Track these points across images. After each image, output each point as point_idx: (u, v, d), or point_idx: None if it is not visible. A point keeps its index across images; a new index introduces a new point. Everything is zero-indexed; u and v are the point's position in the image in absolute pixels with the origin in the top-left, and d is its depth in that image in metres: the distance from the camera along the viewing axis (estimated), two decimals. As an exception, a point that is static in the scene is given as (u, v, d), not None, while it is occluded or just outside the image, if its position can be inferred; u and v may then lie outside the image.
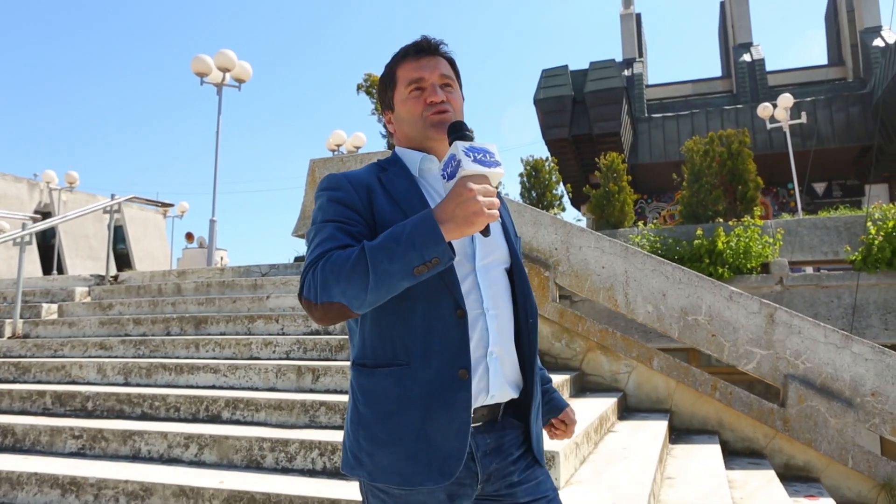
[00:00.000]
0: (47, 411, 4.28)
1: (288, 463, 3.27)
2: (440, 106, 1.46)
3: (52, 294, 6.79)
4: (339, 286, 1.26)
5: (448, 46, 1.56)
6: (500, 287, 1.46)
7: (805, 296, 9.06)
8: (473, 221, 1.24)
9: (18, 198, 25.36)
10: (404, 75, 1.49)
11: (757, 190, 10.17)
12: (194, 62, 12.92)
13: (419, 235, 1.23)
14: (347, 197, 1.40)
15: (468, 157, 1.26)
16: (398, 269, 1.23)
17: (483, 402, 1.39)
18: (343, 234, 1.35)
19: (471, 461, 1.38)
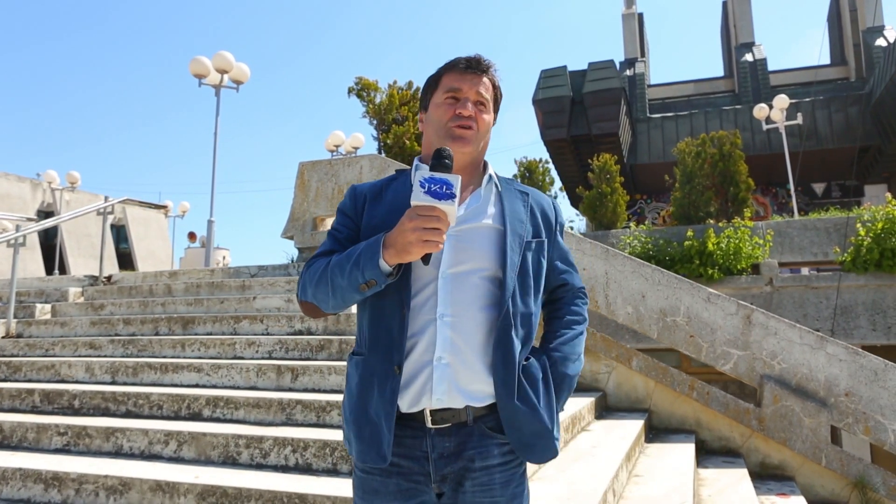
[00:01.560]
0: (36, 409, 4.40)
1: (262, 459, 3.38)
2: (465, 121, 1.56)
3: (46, 294, 6.92)
4: (312, 290, 1.54)
5: (498, 71, 1.66)
6: (471, 295, 1.50)
7: (794, 297, 9.14)
8: (408, 251, 1.37)
9: (21, 197, 25.57)
10: (446, 82, 1.60)
11: (748, 191, 10.24)
12: (192, 64, 13.03)
13: (363, 258, 1.42)
14: (346, 206, 1.65)
15: (421, 189, 1.35)
16: (347, 284, 1.45)
17: (429, 405, 1.47)
18: (332, 240, 1.62)
19: (424, 460, 1.49)
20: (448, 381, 1.47)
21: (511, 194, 1.64)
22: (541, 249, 1.62)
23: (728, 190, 10.09)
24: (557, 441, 1.56)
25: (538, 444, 1.52)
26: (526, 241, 1.58)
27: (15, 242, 5.94)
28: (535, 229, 1.62)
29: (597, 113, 19.77)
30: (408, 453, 1.50)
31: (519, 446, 1.51)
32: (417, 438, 1.50)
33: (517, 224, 1.58)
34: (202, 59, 13.11)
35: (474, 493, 1.50)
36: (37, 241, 24.84)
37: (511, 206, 1.60)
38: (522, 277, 1.55)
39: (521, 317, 1.54)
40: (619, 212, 10.80)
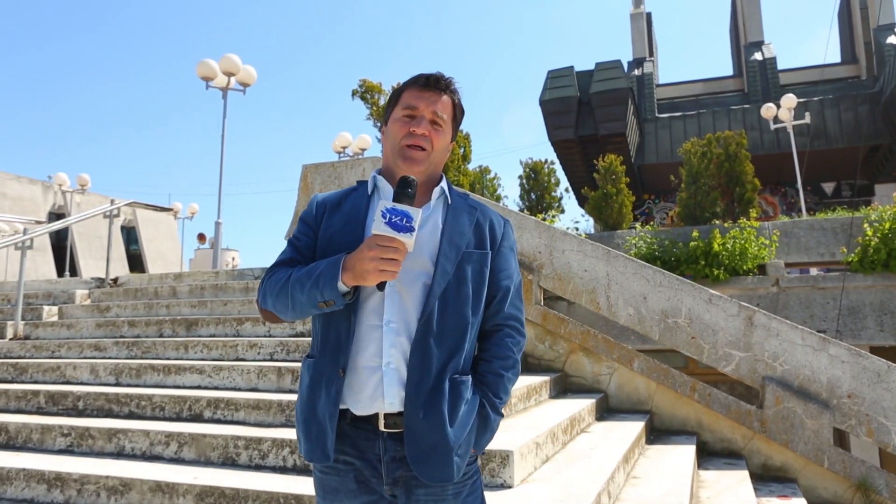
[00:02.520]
0: (41, 410, 4.45)
1: (261, 460, 3.41)
2: (418, 139, 1.59)
3: (53, 296, 7.00)
4: (272, 300, 1.60)
5: (458, 89, 1.69)
6: (414, 302, 1.54)
7: (801, 297, 9.08)
8: (365, 278, 1.44)
9: (33, 200, 25.81)
10: (405, 99, 1.63)
11: (754, 192, 10.19)
12: (200, 67, 13.13)
13: (323, 278, 1.48)
14: (307, 215, 1.71)
15: (383, 219, 1.41)
16: (306, 300, 1.51)
17: (383, 409, 1.52)
18: (291, 248, 1.68)
19: (377, 462, 1.54)
20: (397, 385, 1.52)
21: (459, 207, 1.67)
22: (483, 260, 1.64)
23: (734, 190, 10.05)
24: (458, 464, 1.53)
25: (433, 458, 1.51)
26: (465, 252, 1.60)
27: (22, 245, 6.01)
28: (477, 241, 1.64)
29: (604, 113, 19.73)
30: (361, 455, 1.55)
31: (413, 457, 1.50)
32: (370, 441, 1.55)
33: (456, 235, 1.61)
34: (209, 62, 13.21)
35: (426, 499, 1.54)
36: (48, 243, 25.09)
37: (455, 219, 1.64)
38: (458, 286, 1.58)
39: (451, 325, 1.56)
40: (624, 212, 10.78)
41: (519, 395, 4.36)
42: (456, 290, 1.57)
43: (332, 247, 1.59)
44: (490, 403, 1.62)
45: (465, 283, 1.59)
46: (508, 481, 2.95)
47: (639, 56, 26.03)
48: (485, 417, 1.60)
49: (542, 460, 3.43)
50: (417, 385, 1.51)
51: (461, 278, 1.58)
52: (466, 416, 1.55)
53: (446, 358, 1.54)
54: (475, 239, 1.64)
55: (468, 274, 1.60)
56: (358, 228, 1.60)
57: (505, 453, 2.97)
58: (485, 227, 1.67)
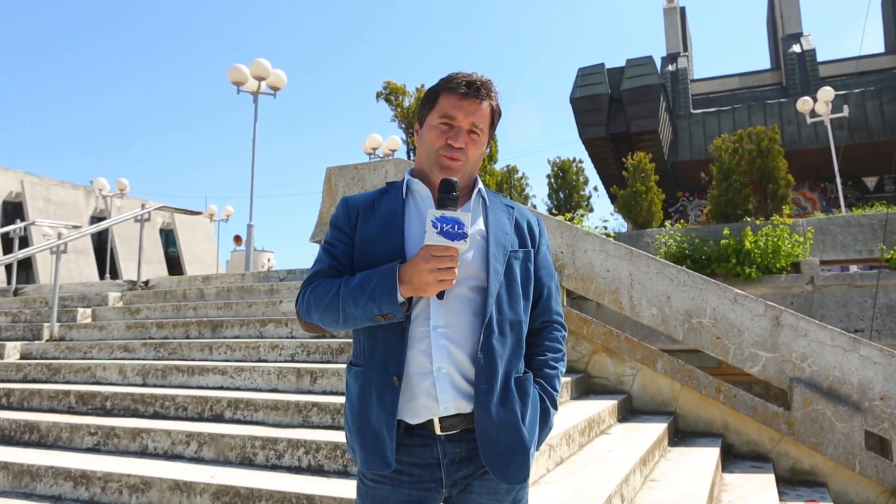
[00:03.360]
0: (71, 410, 4.59)
1: (277, 460, 3.46)
2: (455, 153, 1.57)
3: (88, 299, 7.21)
4: (318, 314, 1.57)
5: (496, 93, 1.65)
6: (462, 306, 1.53)
7: (837, 296, 8.84)
8: (425, 290, 1.43)
9: (76, 204, 26.66)
10: (443, 105, 1.59)
11: (788, 188, 9.95)
12: (231, 72, 13.35)
13: (379, 291, 1.46)
14: (339, 219, 1.67)
15: (434, 229, 1.40)
16: (361, 314, 1.49)
17: (437, 412, 1.50)
18: (328, 255, 1.64)
19: (436, 467, 1.52)
20: (451, 388, 1.50)
21: (497, 207, 1.67)
22: (528, 258, 1.65)
23: (767, 187, 9.82)
24: (531, 463, 1.55)
25: (512, 460, 1.50)
26: (511, 251, 1.61)
27: (57, 250, 6.21)
28: (520, 240, 1.65)
29: (635, 110, 19.49)
30: (418, 461, 1.52)
31: (492, 461, 1.50)
32: (427, 446, 1.52)
33: (501, 235, 1.61)
34: (240, 67, 13.43)
35: (480, 495, 1.54)
36: (90, 247, 25.87)
37: (496, 219, 1.63)
38: (509, 285, 1.58)
39: (509, 323, 1.56)
40: (654, 210, 10.63)
41: (537, 397, 4.34)
42: (508, 290, 1.58)
43: (370, 253, 1.57)
44: (549, 397, 1.63)
45: (516, 282, 1.59)
46: (518, 483, 2.94)
47: (672, 51, 25.65)
48: (545, 412, 1.61)
49: (555, 462, 3.41)
50: (488, 388, 1.50)
51: (511, 277, 1.59)
52: (534, 414, 1.56)
53: (509, 357, 1.54)
54: (517, 238, 1.64)
55: (517, 273, 1.60)
56: (397, 234, 1.57)
57: (515, 455, 2.95)
58: (524, 226, 1.68)
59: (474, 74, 1.62)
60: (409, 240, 1.56)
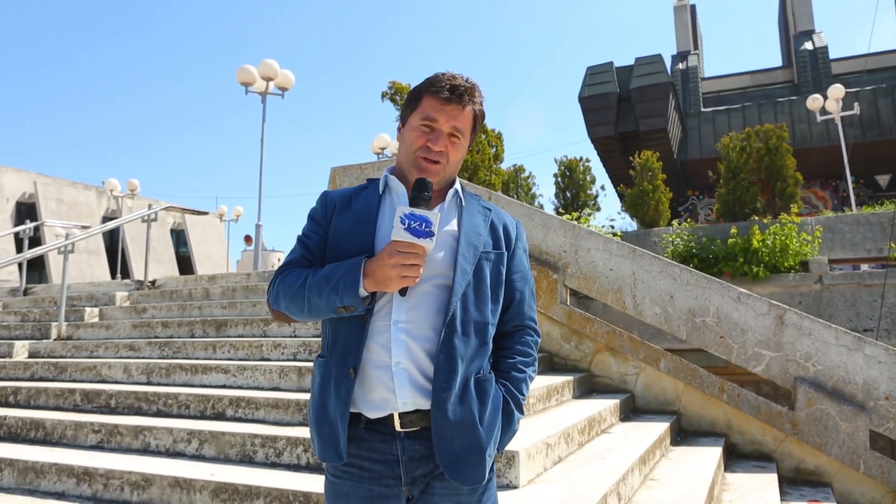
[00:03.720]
0: (77, 408, 4.64)
1: (276, 458, 3.48)
2: (435, 155, 1.58)
3: (95, 298, 7.28)
4: (285, 303, 1.59)
5: (480, 97, 1.65)
6: (425, 302, 1.54)
7: (846, 295, 8.77)
8: (387, 284, 1.45)
9: (88, 205, 26.89)
10: (425, 107, 1.60)
11: (796, 186, 9.88)
12: (239, 72, 13.43)
13: (343, 283, 1.48)
14: (316, 212, 1.70)
15: (402, 225, 1.42)
16: (324, 305, 1.51)
17: (396, 407, 1.52)
18: (302, 246, 1.67)
19: (395, 464, 1.53)
20: (409, 384, 1.51)
21: (473, 209, 1.67)
22: (500, 260, 1.65)
23: (775, 185, 9.75)
24: (487, 465, 1.54)
25: (467, 461, 1.50)
26: (482, 252, 1.61)
27: (65, 250, 6.28)
28: (494, 242, 1.65)
29: (644, 109, 19.42)
30: (378, 457, 1.54)
31: (446, 462, 1.50)
32: (387, 442, 1.53)
33: (473, 235, 1.62)
34: (248, 68, 13.50)
35: (441, 496, 1.54)
36: (102, 247, 26.08)
37: (469, 219, 1.64)
38: (478, 286, 1.58)
39: (474, 324, 1.56)
40: (661, 209, 10.58)
41: (538, 396, 4.34)
42: (476, 290, 1.58)
43: (341, 246, 1.59)
44: (514, 400, 1.62)
45: (485, 283, 1.60)
46: (514, 482, 2.95)
47: (683, 49, 25.53)
48: (509, 414, 1.60)
49: (553, 461, 3.41)
50: (445, 386, 1.50)
51: (480, 278, 1.59)
52: (493, 416, 1.55)
53: (471, 357, 1.55)
54: (491, 239, 1.65)
55: (487, 274, 1.61)
56: (368, 228, 1.59)
57: (510, 454, 2.96)
58: (499, 228, 1.68)
59: (459, 78, 1.61)
60: (380, 236, 1.57)
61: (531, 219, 5.98)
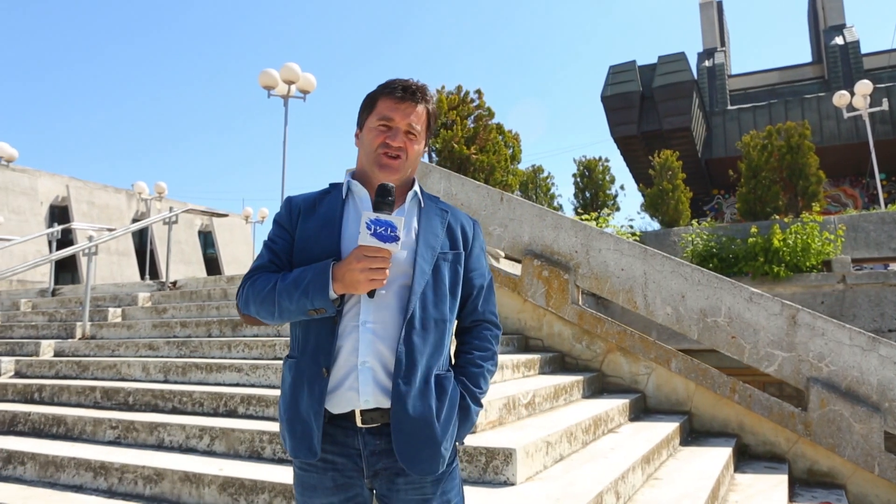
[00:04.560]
0: (97, 405, 4.79)
1: (283, 454, 3.56)
2: (395, 150, 1.65)
3: (119, 299, 7.47)
4: (255, 307, 1.65)
5: (431, 97, 1.75)
6: (390, 302, 1.61)
7: (870, 295, 8.62)
8: (356, 287, 1.52)
9: (118, 207, 27.46)
10: (381, 108, 1.67)
11: (819, 184, 9.72)
12: (262, 76, 13.62)
13: (312, 287, 1.54)
14: (282, 218, 1.75)
15: (368, 230, 1.48)
16: (295, 308, 1.57)
17: (358, 405, 1.59)
18: (269, 251, 1.72)
19: (357, 458, 1.61)
20: (373, 382, 1.58)
21: (431, 210, 1.74)
22: (458, 260, 1.72)
23: (797, 184, 9.61)
24: (444, 456, 1.60)
25: (422, 452, 1.57)
26: (440, 252, 1.68)
27: (88, 252, 6.47)
28: (451, 242, 1.73)
29: (667, 107, 19.23)
30: (341, 451, 1.61)
31: (402, 452, 1.56)
32: (350, 437, 1.61)
33: (431, 237, 1.68)
34: (270, 72, 13.68)
35: (406, 491, 1.61)
36: (132, 248, 26.63)
37: (427, 221, 1.71)
38: (436, 285, 1.66)
39: (433, 321, 1.63)
40: (681, 209, 10.50)
41: (545, 395, 4.37)
42: (434, 289, 1.65)
43: (307, 249, 1.65)
44: (470, 395, 1.69)
45: (442, 282, 1.67)
46: (511, 479, 2.98)
47: (709, 46, 25.19)
48: (465, 409, 1.67)
49: (554, 459, 3.44)
50: (406, 381, 1.57)
51: (438, 278, 1.66)
52: (451, 410, 1.63)
53: (430, 353, 1.62)
54: (448, 240, 1.72)
55: (444, 273, 1.68)
56: (334, 232, 1.65)
57: (508, 451, 3.00)
58: (456, 229, 1.75)
59: (411, 80, 1.70)
60: (346, 239, 1.63)
61: (543, 219, 6.00)
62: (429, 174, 6.55)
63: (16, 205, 23.97)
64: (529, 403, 4.11)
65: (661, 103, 19.36)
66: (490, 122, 10.36)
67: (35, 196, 25.03)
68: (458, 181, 6.46)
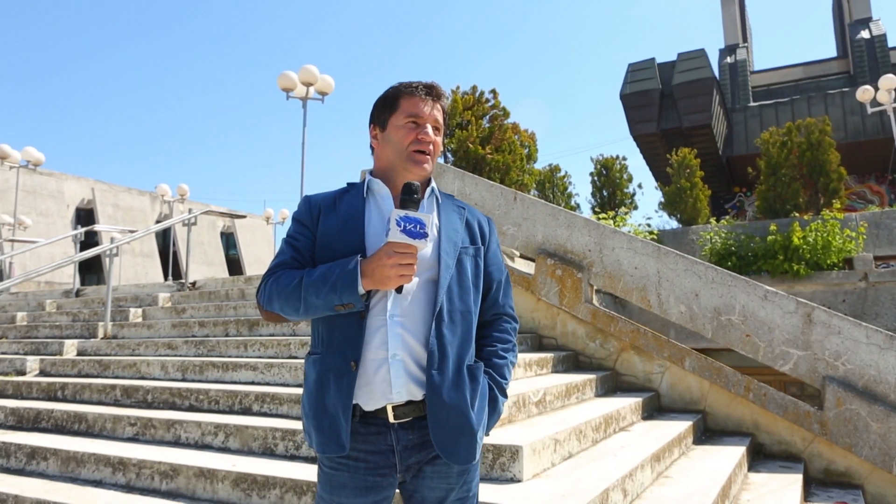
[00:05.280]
0: (117, 402, 4.90)
1: (295, 450, 3.63)
2: (427, 146, 1.71)
3: (140, 299, 7.63)
4: (279, 303, 1.66)
5: (446, 98, 1.82)
6: (416, 296, 1.65)
7: (893, 293, 8.48)
8: (386, 283, 1.55)
9: (142, 209, 27.94)
10: (407, 107, 1.72)
11: (840, 181, 9.58)
12: (280, 79, 13.77)
13: (341, 283, 1.57)
14: (302, 215, 1.77)
15: (398, 227, 1.52)
16: (322, 304, 1.60)
17: (391, 398, 1.61)
18: (290, 248, 1.74)
19: (391, 454, 1.64)
20: (404, 375, 1.61)
21: (449, 207, 1.78)
22: (478, 255, 1.77)
23: (817, 181, 9.48)
24: (479, 447, 1.65)
25: (460, 441, 1.61)
26: (462, 247, 1.72)
27: (110, 254, 6.61)
28: (470, 238, 1.77)
29: (687, 105, 19.08)
30: (374, 448, 1.63)
31: (441, 443, 1.59)
32: (382, 434, 1.63)
33: (452, 232, 1.72)
34: (289, 74, 13.82)
35: (432, 478, 1.65)
36: (156, 250, 27.06)
37: (447, 217, 1.75)
38: (460, 278, 1.70)
39: (459, 313, 1.67)
40: (699, 207, 10.41)
41: (556, 393, 4.39)
42: (459, 282, 1.69)
43: (330, 247, 1.68)
44: (497, 386, 1.73)
45: (466, 276, 1.72)
46: (518, 475, 3.01)
47: (731, 43, 24.91)
48: (493, 400, 1.72)
49: (562, 457, 3.45)
50: (440, 372, 1.61)
51: (461, 272, 1.71)
52: (482, 400, 1.67)
53: (459, 344, 1.66)
54: (468, 236, 1.76)
55: (467, 267, 1.73)
56: (356, 230, 1.68)
57: (515, 448, 3.03)
58: (474, 225, 1.80)
59: (425, 81, 1.77)
60: (369, 236, 1.67)
61: (556, 218, 6.01)
62: (443, 174, 6.59)
63: (43, 208, 24.48)
64: (540, 402, 4.13)
65: (681, 101, 19.22)
66: (505, 122, 10.36)
67: (62, 199, 25.54)
68: (471, 181, 6.49)
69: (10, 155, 16.73)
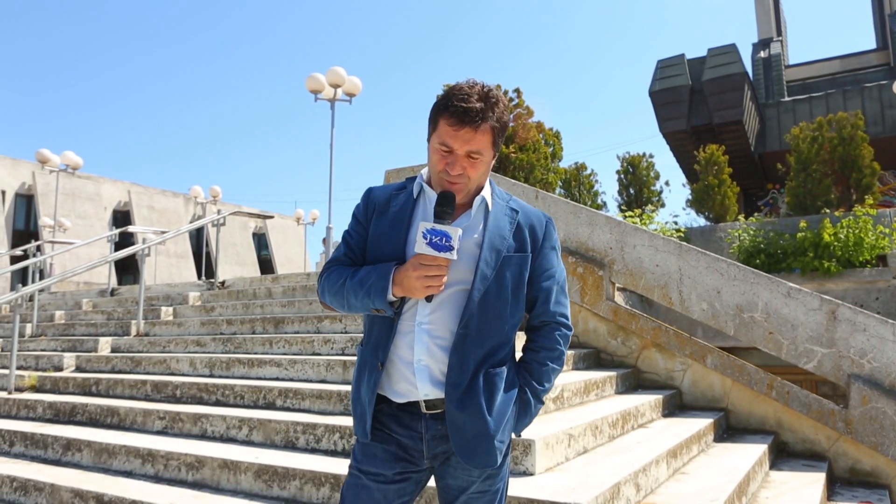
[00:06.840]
0: (147, 397, 5.07)
1: (316, 444, 3.73)
2: (455, 178, 1.63)
3: (171, 298, 7.84)
4: (330, 298, 1.78)
5: (497, 111, 1.62)
6: (447, 305, 1.68)
7: (928, 290, 8.28)
8: (413, 293, 1.61)
9: (177, 211, 28.55)
10: (441, 131, 1.62)
11: (873, 177, 9.36)
12: (308, 81, 13.95)
13: (374, 289, 1.65)
14: (359, 212, 1.82)
15: (424, 240, 1.55)
16: (360, 305, 1.69)
17: (419, 397, 1.69)
18: (345, 244, 1.82)
19: (419, 440, 1.72)
20: (429, 380, 1.68)
21: (499, 212, 1.73)
22: (523, 264, 1.73)
23: (850, 176, 9.29)
24: (499, 449, 1.67)
25: (477, 447, 1.65)
26: (505, 256, 1.69)
27: (141, 254, 6.82)
28: (518, 244, 1.72)
29: (718, 101, 18.76)
30: (407, 433, 1.71)
31: (459, 447, 1.65)
32: (415, 420, 1.71)
33: (497, 240, 1.69)
34: (317, 76, 13.99)
35: (455, 468, 1.72)
36: (189, 250, 27.64)
37: (495, 224, 1.71)
38: (499, 288, 1.68)
39: (490, 325, 1.67)
40: (727, 204, 10.28)
41: (574, 390, 4.41)
42: (496, 294, 1.67)
43: (377, 248, 1.73)
44: (532, 390, 1.74)
45: (505, 287, 1.68)
46: (530, 469, 3.06)
47: (765, 37, 24.44)
48: (525, 403, 1.73)
49: (577, 452, 3.49)
50: (455, 384, 1.64)
51: (501, 282, 1.68)
52: (504, 405, 1.68)
53: (484, 356, 1.67)
54: (516, 242, 1.71)
55: (507, 278, 1.69)
56: (402, 233, 1.70)
57: (527, 442, 3.07)
58: (525, 230, 1.74)
59: (473, 97, 1.60)
60: (410, 243, 1.67)
61: (577, 216, 6.02)
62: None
63: (82, 210, 25.19)
64: (557, 398, 4.16)
65: (711, 97, 18.91)
66: (529, 121, 10.35)
67: (99, 202, 26.23)
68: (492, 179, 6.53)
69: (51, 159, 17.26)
